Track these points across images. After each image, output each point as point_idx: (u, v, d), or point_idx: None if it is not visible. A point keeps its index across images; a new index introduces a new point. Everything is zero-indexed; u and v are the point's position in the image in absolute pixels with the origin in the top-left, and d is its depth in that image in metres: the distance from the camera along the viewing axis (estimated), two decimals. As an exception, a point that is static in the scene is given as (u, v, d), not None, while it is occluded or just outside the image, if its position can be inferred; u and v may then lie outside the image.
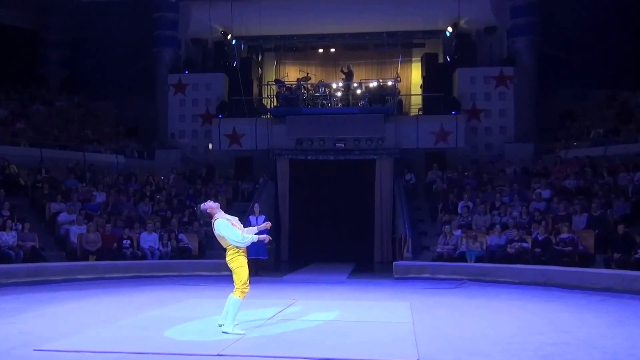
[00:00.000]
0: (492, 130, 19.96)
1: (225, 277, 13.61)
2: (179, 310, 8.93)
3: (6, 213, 14.12)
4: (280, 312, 8.55)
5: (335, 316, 8.32)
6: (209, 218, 7.29)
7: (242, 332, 6.95)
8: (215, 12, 20.60)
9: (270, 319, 7.96)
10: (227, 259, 7.13)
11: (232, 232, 6.99)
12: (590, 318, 8.33)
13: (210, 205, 7.24)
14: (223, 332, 6.91)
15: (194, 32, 21.56)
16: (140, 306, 9.14)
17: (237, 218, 7.38)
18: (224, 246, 7.16)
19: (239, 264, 7.03)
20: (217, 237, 7.22)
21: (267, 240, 7.52)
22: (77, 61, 22.96)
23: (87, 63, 22.65)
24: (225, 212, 7.37)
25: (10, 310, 8.77)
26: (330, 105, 19.40)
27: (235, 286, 7.00)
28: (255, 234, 7.26)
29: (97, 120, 21.11)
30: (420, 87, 21.53)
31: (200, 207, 7.39)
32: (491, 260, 13.35)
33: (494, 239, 13.84)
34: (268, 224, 7.59)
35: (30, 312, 8.65)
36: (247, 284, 7.01)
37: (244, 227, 7.35)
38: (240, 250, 7.07)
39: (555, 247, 12.79)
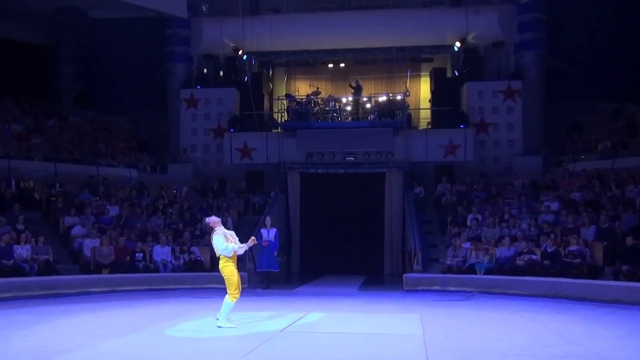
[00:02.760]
0: (500, 144, 20.06)
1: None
2: (191, 322, 9.01)
3: (21, 227, 14.33)
4: (291, 324, 8.66)
5: (346, 328, 8.42)
6: (210, 230, 8.53)
7: (233, 325, 8.13)
8: (227, 28, 20.92)
9: (282, 331, 8.06)
10: (219, 267, 8.34)
11: (218, 243, 8.20)
12: (600, 330, 8.36)
13: (213, 219, 8.50)
14: (218, 327, 8.11)
15: (206, 47, 21.88)
16: (153, 319, 9.23)
17: (233, 233, 8.63)
18: (217, 255, 8.38)
19: (228, 271, 8.23)
20: (212, 245, 8.45)
21: (250, 245, 8.59)
22: (90, 76, 23.25)
23: (100, 78, 22.94)
24: (227, 227, 8.82)
25: (24, 322, 8.88)
26: (340, 119, 19.55)
27: (228, 291, 8.18)
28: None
29: (110, 134, 21.37)
30: (429, 101, 21.68)
31: (205, 220, 8.72)
32: (500, 272, 13.41)
33: (503, 251, 13.90)
34: (252, 240, 8.65)
35: (44, 324, 8.75)
36: (239, 288, 8.21)
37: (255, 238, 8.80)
38: (230, 260, 8.25)
39: (564, 259, 12.84)
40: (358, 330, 8.25)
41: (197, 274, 14.52)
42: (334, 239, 18.76)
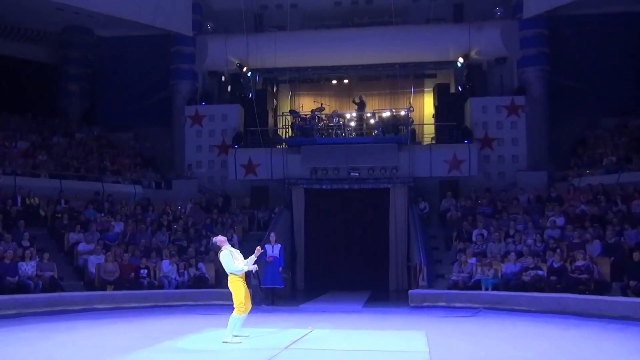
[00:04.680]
0: (504, 159, 20.06)
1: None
2: (195, 340, 8.96)
3: (26, 243, 14.36)
4: (296, 341, 8.62)
5: (352, 345, 8.37)
6: (217, 249, 8.86)
7: (239, 341, 8.30)
8: (231, 45, 21.11)
9: (286, 348, 8.02)
10: (228, 283, 8.68)
11: (227, 262, 8.57)
12: (609, 346, 8.29)
13: (219, 239, 8.89)
14: (223, 342, 8.24)
15: (211, 64, 22.05)
16: (157, 335, 9.20)
17: (239, 251, 8.92)
18: (227, 272, 8.71)
19: (236, 287, 8.56)
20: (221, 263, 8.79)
21: (254, 270, 9.02)
22: (96, 94, 23.46)
23: (106, 96, 23.19)
24: (232, 245, 9.12)
25: (29, 339, 8.89)
26: (344, 135, 19.63)
27: (235, 306, 8.47)
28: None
29: (116, 151, 21.46)
30: (433, 117, 21.72)
31: (212, 239, 9.09)
32: (506, 288, 13.33)
33: (509, 266, 13.83)
34: (258, 250, 9.06)
35: (49, 341, 8.76)
36: (244, 303, 8.47)
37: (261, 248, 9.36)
38: (238, 276, 8.54)
39: (571, 274, 12.76)
40: (363, 347, 8.20)
41: (201, 291, 14.51)
42: (338, 255, 18.75)
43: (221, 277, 15.48)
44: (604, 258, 13.18)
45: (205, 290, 14.57)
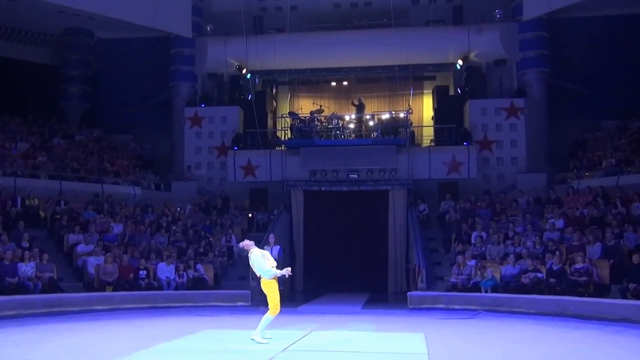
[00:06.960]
0: (504, 161, 20.08)
1: (240, 307, 13.75)
2: (193, 341, 8.97)
3: (26, 244, 14.37)
4: (295, 342, 8.61)
5: (350, 347, 8.36)
6: (246, 252, 8.85)
7: (266, 341, 8.30)
8: (231, 47, 21.15)
9: (284, 349, 8.01)
10: (261, 285, 8.62)
11: (260, 264, 8.48)
12: (609, 349, 8.31)
13: (246, 243, 8.89)
14: (251, 340, 8.31)
15: (210, 66, 22.10)
16: (156, 337, 9.18)
17: (268, 252, 9.00)
18: (257, 274, 8.65)
19: (272, 289, 8.49)
20: (251, 266, 8.75)
21: (287, 274, 8.70)
22: (96, 96, 23.50)
23: (106, 98, 23.22)
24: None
25: (28, 340, 8.88)
26: (344, 137, 19.63)
27: (269, 307, 8.46)
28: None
29: (116, 153, 21.50)
30: (432, 119, 21.75)
31: (240, 245, 9.11)
32: (506, 290, 13.33)
33: (508, 269, 13.83)
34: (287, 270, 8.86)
35: (48, 342, 8.76)
36: (279, 305, 8.45)
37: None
38: (272, 279, 8.45)
39: (570, 277, 12.76)
40: (362, 349, 8.19)
41: (200, 292, 14.49)
42: (337, 256, 18.74)
43: (220, 278, 15.58)
44: (604, 260, 13.18)
45: (203, 291, 14.55)
